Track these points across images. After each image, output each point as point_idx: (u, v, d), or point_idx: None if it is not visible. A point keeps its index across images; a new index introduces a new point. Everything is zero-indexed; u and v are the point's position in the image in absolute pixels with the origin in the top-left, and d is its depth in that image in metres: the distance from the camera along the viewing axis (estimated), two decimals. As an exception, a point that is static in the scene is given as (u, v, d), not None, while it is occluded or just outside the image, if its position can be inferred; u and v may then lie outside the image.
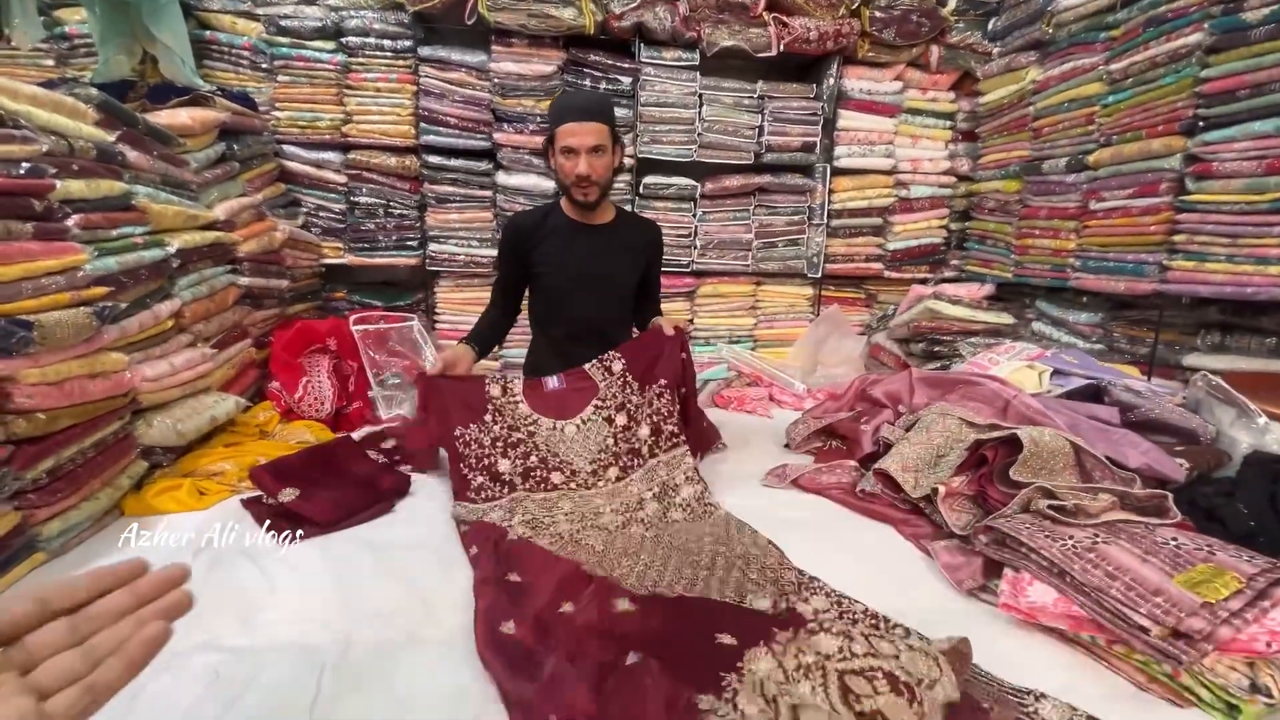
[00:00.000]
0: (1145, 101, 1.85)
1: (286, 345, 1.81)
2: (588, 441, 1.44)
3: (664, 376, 1.52)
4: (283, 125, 2.28)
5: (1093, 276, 2.02)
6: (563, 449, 1.42)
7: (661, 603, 0.95)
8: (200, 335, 1.58)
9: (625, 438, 1.46)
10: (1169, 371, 1.88)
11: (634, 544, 1.19)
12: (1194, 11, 1.70)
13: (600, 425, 1.46)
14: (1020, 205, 2.35)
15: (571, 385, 1.52)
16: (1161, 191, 1.78)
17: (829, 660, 0.74)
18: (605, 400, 1.49)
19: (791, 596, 0.99)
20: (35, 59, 2.13)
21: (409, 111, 2.33)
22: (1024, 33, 2.33)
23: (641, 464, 1.44)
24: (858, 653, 0.75)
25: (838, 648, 0.77)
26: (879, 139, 2.59)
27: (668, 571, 1.08)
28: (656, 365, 1.53)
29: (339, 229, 2.40)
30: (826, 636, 0.79)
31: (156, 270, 1.42)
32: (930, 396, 1.70)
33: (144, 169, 1.50)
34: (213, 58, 2.25)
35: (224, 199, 1.84)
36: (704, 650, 0.81)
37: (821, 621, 0.88)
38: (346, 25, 2.23)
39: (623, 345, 1.59)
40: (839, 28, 2.36)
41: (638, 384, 1.51)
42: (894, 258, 2.71)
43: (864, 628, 0.84)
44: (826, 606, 0.96)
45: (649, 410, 1.49)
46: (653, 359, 1.54)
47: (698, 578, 1.05)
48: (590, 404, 1.48)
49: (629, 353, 1.54)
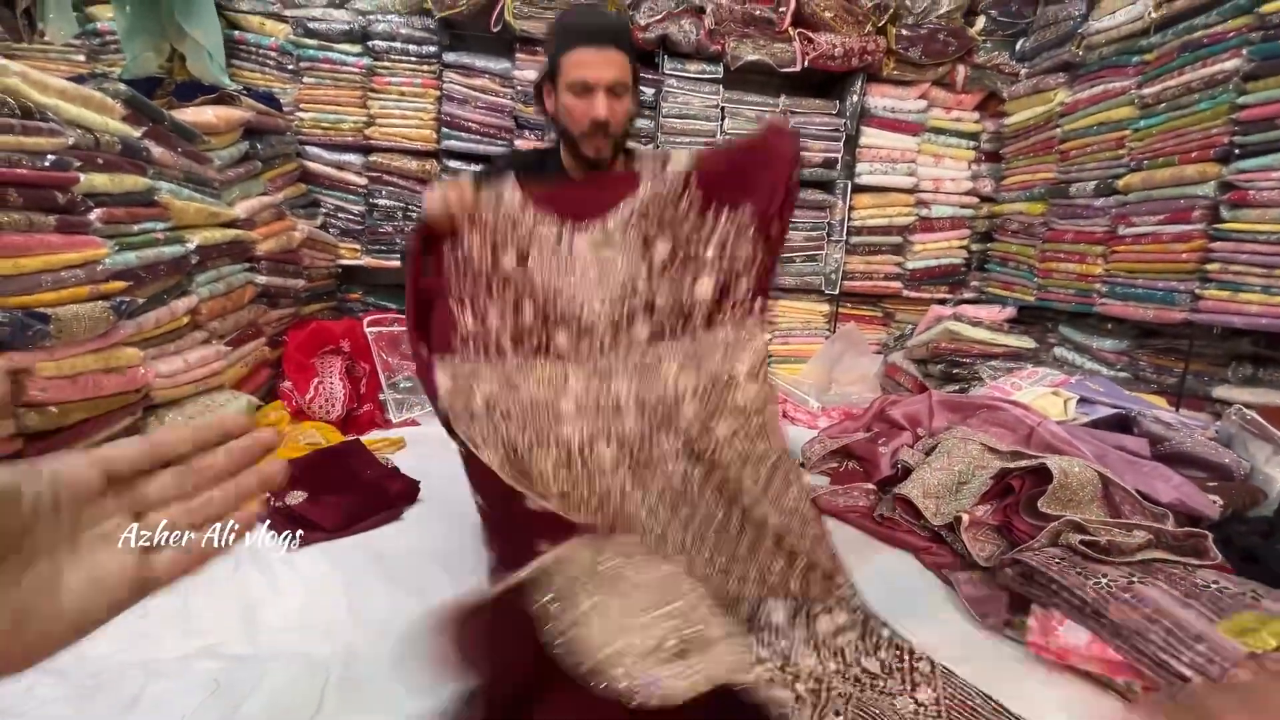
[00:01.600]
0: (1179, 127, 1.81)
1: (300, 345, 1.80)
2: (606, 269, 0.94)
3: (753, 201, 0.94)
4: (306, 126, 2.29)
5: (1120, 303, 1.98)
6: (569, 283, 0.93)
7: None
8: (215, 333, 1.58)
9: (668, 283, 0.94)
10: (1198, 403, 1.83)
11: (656, 488, 0.88)
12: (1232, 37, 1.67)
13: (631, 247, 0.94)
14: (1045, 228, 2.32)
15: (602, 181, 1.04)
16: (1195, 219, 1.74)
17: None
18: (646, 210, 0.95)
19: (815, 605, 0.88)
20: (66, 54, 2.16)
21: (431, 116, 2.33)
22: (1053, 54, 2.31)
23: (690, 335, 0.94)
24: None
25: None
26: (901, 157, 2.57)
27: (687, 541, 0.87)
28: (746, 180, 0.95)
29: (357, 230, 2.41)
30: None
31: (175, 266, 1.42)
32: (951, 420, 1.66)
33: (168, 165, 1.50)
34: (240, 57, 2.27)
35: (245, 197, 1.84)
36: None
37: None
38: (373, 29, 2.24)
39: (703, 150, 1.02)
40: (864, 45, 2.35)
41: (702, 201, 0.94)
42: (913, 277, 2.68)
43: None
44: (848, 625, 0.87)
45: (716, 251, 0.94)
46: (738, 167, 0.96)
47: (716, 562, 0.88)
48: (620, 205, 0.95)
49: (705, 155, 0.98)
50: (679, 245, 0.96)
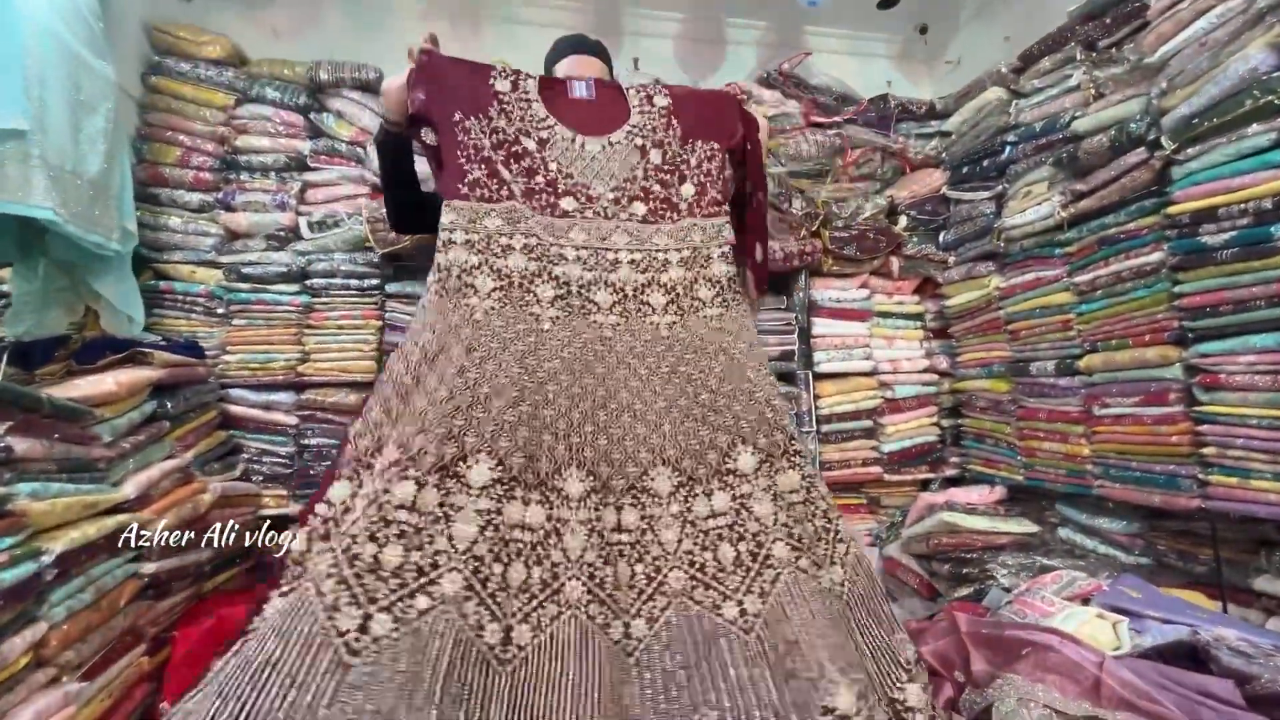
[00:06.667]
0: (1123, 312, 1.84)
1: (190, 654, 1.44)
2: (612, 164, 1.19)
3: (716, 140, 1.28)
4: (232, 369, 2.12)
5: (1118, 486, 1.86)
6: (579, 169, 1.17)
7: None
8: (68, 666, 1.22)
9: (660, 179, 1.22)
10: (1241, 596, 1.65)
11: (644, 342, 1.08)
12: (1147, 233, 1.76)
13: (630, 152, 1.22)
14: (1015, 405, 2.28)
15: (602, 98, 1.26)
16: (1171, 401, 1.69)
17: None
18: (641, 129, 1.24)
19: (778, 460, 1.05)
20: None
21: (372, 346, 2.21)
22: (976, 245, 2.45)
23: (676, 219, 1.20)
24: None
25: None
26: (855, 342, 2.59)
27: (660, 401, 1.04)
28: (709, 123, 1.29)
29: (285, 475, 2.14)
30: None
31: (16, 594, 1.11)
32: (992, 663, 1.40)
33: (36, 458, 1.25)
34: (164, 306, 2.15)
35: (142, 467, 1.58)
36: None
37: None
38: (313, 269, 2.19)
39: (672, 87, 1.35)
40: (803, 248, 2.45)
41: (680, 133, 1.26)
42: (891, 460, 2.56)
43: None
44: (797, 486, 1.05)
45: (694, 168, 1.25)
46: (704, 114, 1.30)
47: (693, 413, 1.04)
48: (623, 127, 1.24)
49: (678, 95, 1.31)
50: (667, 157, 1.25)
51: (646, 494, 0.96)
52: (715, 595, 0.90)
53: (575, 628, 0.83)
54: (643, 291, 1.13)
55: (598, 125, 1.23)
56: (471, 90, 1.19)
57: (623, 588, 0.88)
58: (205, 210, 2.21)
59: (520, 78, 1.24)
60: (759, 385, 1.11)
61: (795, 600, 0.89)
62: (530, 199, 1.14)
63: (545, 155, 1.17)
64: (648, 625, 0.86)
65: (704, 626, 0.86)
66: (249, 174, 2.24)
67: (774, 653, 0.85)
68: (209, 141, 2.21)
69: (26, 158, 1.47)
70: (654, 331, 1.11)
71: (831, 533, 1.03)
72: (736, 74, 2.79)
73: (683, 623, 0.86)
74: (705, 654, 0.83)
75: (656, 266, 1.15)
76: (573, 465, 0.95)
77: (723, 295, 1.18)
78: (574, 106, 1.24)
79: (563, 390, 1.00)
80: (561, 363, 1.03)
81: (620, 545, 0.92)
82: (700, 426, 1.03)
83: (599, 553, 0.89)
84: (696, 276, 1.17)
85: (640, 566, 0.91)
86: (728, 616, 0.88)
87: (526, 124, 1.18)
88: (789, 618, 0.87)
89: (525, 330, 1.04)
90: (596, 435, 0.98)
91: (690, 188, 1.24)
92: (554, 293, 1.09)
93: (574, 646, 0.82)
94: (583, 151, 1.19)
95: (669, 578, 0.91)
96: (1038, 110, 2.17)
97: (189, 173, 2.18)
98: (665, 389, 1.06)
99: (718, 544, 0.94)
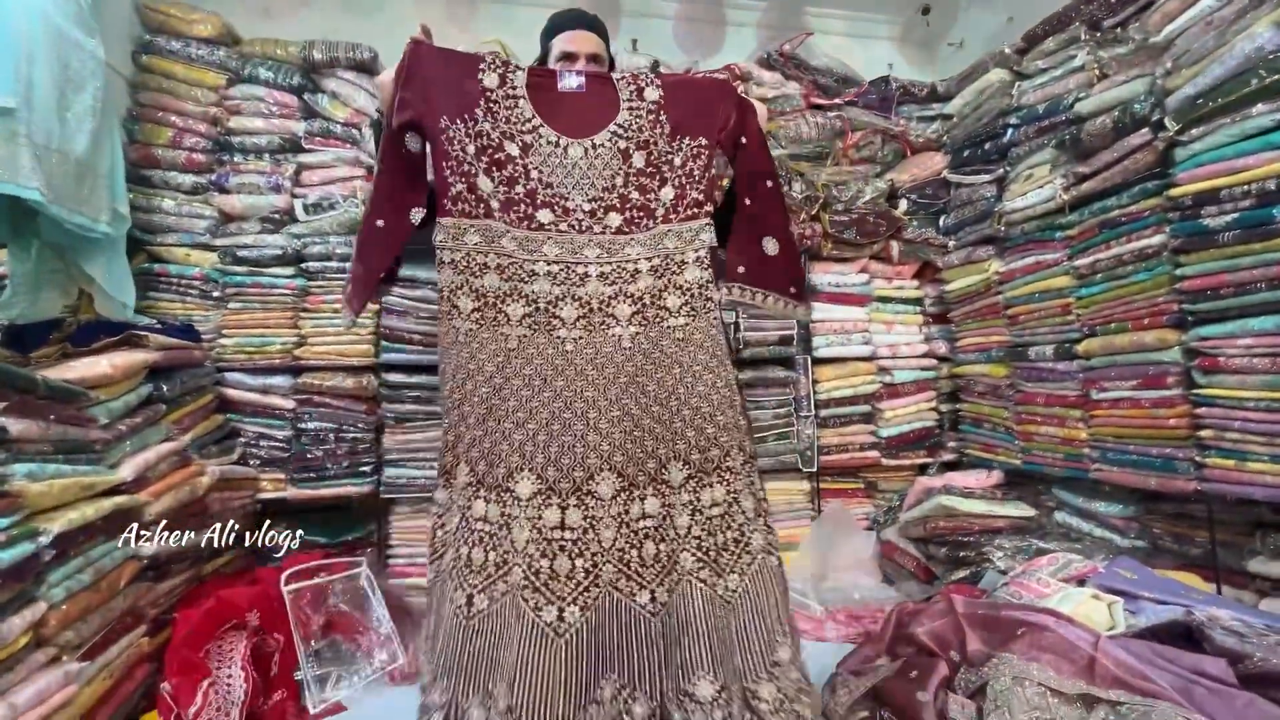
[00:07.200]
0: (1123, 295, 1.84)
1: (190, 635, 1.43)
2: (592, 172, 1.18)
3: (704, 135, 1.23)
4: (229, 353, 2.11)
5: (1116, 469, 1.87)
6: (559, 178, 1.17)
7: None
8: (68, 646, 1.22)
9: (639, 184, 1.20)
10: (1234, 578, 1.66)
11: (604, 354, 1.13)
12: (1149, 215, 1.75)
13: (613, 157, 1.19)
14: (1013, 390, 2.28)
15: (592, 91, 1.22)
16: (1170, 384, 1.69)
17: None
18: (627, 129, 1.21)
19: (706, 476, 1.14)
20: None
21: (369, 330, 2.20)
22: (976, 229, 2.44)
23: (652, 226, 1.20)
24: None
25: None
26: (855, 327, 2.58)
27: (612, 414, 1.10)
28: (700, 115, 1.24)
29: (282, 459, 2.13)
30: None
31: (15, 574, 1.11)
32: (988, 643, 1.41)
33: (32, 439, 1.25)
34: (159, 289, 2.13)
35: (139, 450, 1.58)
36: None
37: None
38: (309, 251, 2.17)
39: (665, 75, 1.34)
40: (803, 231, 2.44)
41: (669, 128, 1.22)
42: (889, 444, 2.56)
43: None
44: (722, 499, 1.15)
45: (677, 169, 1.22)
46: (695, 105, 1.25)
47: (643, 424, 1.11)
48: (609, 127, 1.21)
49: (670, 85, 1.25)
50: (650, 159, 1.22)
51: (591, 496, 1.07)
52: (634, 585, 1.05)
53: (512, 606, 1.02)
54: (609, 304, 1.15)
55: (583, 125, 1.21)
56: (459, 88, 1.17)
57: (560, 578, 1.02)
58: (199, 192, 2.18)
59: (509, 70, 1.20)
60: (708, 399, 1.16)
61: (689, 603, 1.06)
62: (509, 210, 1.16)
63: (527, 162, 1.17)
64: (580, 612, 1.01)
65: (620, 613, 1.04)
66: (242, 156, 2.21)
67: (663, 640, 1.04)
68: (201, 122, 2.18)
69: (14, 136, 1.44)
70: (616, 344, 1.14)
71: (741, 545, 1.13)
72: (737, 55, 2.76)
73: (608, 607, 1.04)
74: (622, 636, 1.03)
75: (625, 278, 1.17)
76: (523, 469, 1.07)
77: (691, 304, 1.18)
78: (562, 101, 1.21)
79: (521, 404, 1.10)
80: (523, 380, 1.11)
81: (562, 542, 1.04)
82: (646, 437, 1.11)
83: (540, 547, 1.03)
84: (667, 284, 1.18)
85: (580, 561, 1.04)
86: (640, 602, 1.05)
87: (511, 126, 1.17)
88: (682, 616, 1.06)
89: (495, 350, 1.12)
90: (548, 443, 1.07)
91: (670, 191, 1.22)
92: (523, 311, 1.13)
93: (515, 620, 1.01)
94: (565, 157, 1.19)
95: (603, 571, 1.04)
96: (1041, 92, 2.14)
97: (181, 154, 2.16)
98: (621, 398, 1.11)
99: (643, 542, 1.07)
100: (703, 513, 1.13)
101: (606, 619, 1.03)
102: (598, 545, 1.05)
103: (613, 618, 1.03)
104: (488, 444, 1.09)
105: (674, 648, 1.05)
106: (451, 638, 1.04)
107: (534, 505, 1.05)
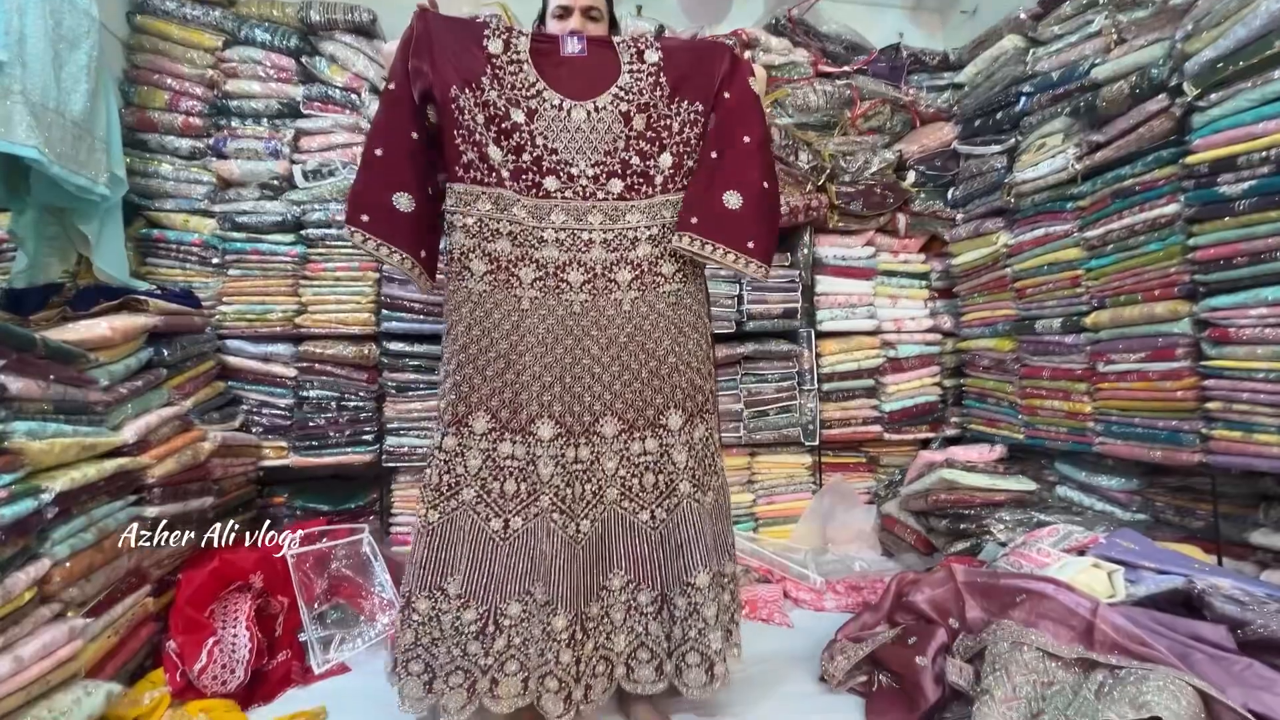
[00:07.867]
0: (1133, 267, 1.81)
1: (195, 595, 1.45)
2: (595, 136, 1.24)
3: (700, 100, 1.28)
4: (229, 320, 2.10)
5: (1120, 443, 1.86)
6: (564, 142, 1.23)
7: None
8: (73, 602, 1.23)
9: (640, 149, 1.26)
10: (1235, 550, 1.66)
11: (607, 316, 1.24)
12: (1163, 184, 1.71)
13: (615, 120, 1.24)
14: (1018, 364, 2.26)
15: (593, 54, 1.26)
16: (1179, 356, 1.67)
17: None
18: (628, 92, 1.25)
19: (696, 417, 1.30)
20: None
21: (370, 299, 2.19)
22: (985, 201, 2.40)
23: (651, 194, 1.27)
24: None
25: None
26: (859, 301, 2.56)
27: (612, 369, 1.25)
28: (697, 77, 1.27)
29: (284, 426, 2.14)
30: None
31: (19, 530, 1.11)
32: (987, 610, 1.42)
33: (32, 398, 1.24)
34: (158, 255, 2.11)
35: (141, 413, 1.57)
36: None
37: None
38: (309, 218, 2.15)
39: (666, 39, 1.39)
40: (808, 202, 2.40)
41: (668, 90, 1.27)
42: (892, 419, 2.55)
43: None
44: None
45: (675, 135, 1.28)
46: (693, 67, 1.28)
47: (641, 375, 1.26)
48: (610, 90, 1.25)
49: (670, 48, 1.29)
50: (650, 122, 1.26)
51: (598, 436, 1.25)
52: (636, 505, 1.25)
53: (543, 525, 1.21)
54: (611, 270, 1.25)
55: (585, 87, 1.25)
56: (466, 55, 1.21)
57: (577, 500, 1.22)
58: (196, 157, 2.15)
59: (513, 36, 1.24)
60: (694, 354, 1.30)
61: (687, 519, 1.26)
62: (518, 179, 1.23)
63: (533, 128, 1.22)
64: (590, 525, 1.22)
65: (624, 527, 1.25)
66: (240, 120, 2.18)
67: (665, 545, 1.25)
68: (198, 85, 2.15)
69: (7, 92, 1.41)
70: (617, 307, 1.25)
71: (714, 470, 1.33)
72: (744, 20, 2.69)
73: (613, 521, 1.24)
74: (628, 543, 1.25)
75: (626, 245, 1.26)
76: (544, 415, 1.23)
77: (683, 270, 1.30)
78: (564, 65, 1.25)
79: (536, 360, 1.23)
80: (536, 338, 1.23)
81: (577, 471, 1.23)
82: (644, 389, 1.26)
83: (563, 478, 1.22)
84: (663, 252, 1.27)
85: (589, 486, 1.23)
86: (642, 519, 1.25)
87: (517, 92, 1.22)
88: (682, 529, 1.25)
89: (510, 310, 1.23)
90: (562, 394, 1.23)
91: (668, 158, 1.28)
92: (534, 275, 1.23)
93: (546, 536, 1.20)
94: (569, 121, 1.24)
95: (607, 493, 1.24)
96: (1056, 58, 2.09)
97: (178, 117, 2.12)
98: (621, 355, 1.25)
99: (643, 473, 1.26)
100: (694, 448, 1.29)
101: (612, 529, 1.24)
102: (602, 473, 1.24)
103: (618, 528, 1.24)
104: (509, 394, 1.23)
105: (674, 554, 1.25)
106: (486, 556, 1.20)
107: (555, 446, 1.22)
